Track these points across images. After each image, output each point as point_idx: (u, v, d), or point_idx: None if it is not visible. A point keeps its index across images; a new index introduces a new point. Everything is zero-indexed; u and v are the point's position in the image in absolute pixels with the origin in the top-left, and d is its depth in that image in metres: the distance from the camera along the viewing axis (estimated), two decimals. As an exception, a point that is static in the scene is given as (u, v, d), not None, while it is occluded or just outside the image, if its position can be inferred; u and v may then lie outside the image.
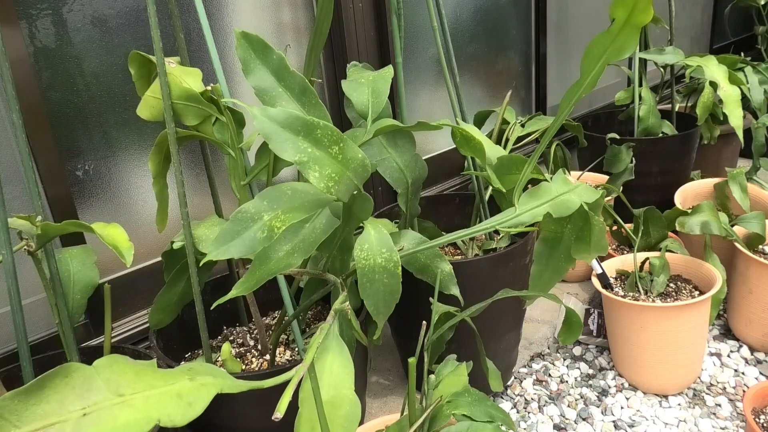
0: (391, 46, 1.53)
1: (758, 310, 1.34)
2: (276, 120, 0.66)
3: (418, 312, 1.12)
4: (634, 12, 0.64)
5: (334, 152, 0.69)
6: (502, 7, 1.96)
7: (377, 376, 1.37)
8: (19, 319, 0.79)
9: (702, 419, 1.21)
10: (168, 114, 0.84)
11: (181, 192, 0.87)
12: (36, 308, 1.12)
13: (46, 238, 0.80)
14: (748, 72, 1.72)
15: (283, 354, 1.06)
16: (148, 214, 1.24)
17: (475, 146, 0.96)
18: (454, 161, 1.90)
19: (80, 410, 0.44)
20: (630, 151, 1.68)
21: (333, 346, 0.63)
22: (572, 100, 0.72)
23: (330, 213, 0.75)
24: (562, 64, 2.28)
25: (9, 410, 0.42)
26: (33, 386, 0.44)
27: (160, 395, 0.46)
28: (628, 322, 1.24)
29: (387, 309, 0.79)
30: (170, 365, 0.91)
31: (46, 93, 1.07)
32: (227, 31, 1.30)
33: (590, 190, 0.81)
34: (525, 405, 1.29)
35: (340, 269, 0.93)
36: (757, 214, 1.37)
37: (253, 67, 0.83)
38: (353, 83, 1.02)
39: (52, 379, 0.44)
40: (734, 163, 2.17)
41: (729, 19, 3.02)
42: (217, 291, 1.12)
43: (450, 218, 1.42)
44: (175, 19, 0.90)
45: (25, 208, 1.06)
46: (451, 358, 0.82)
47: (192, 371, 0.49)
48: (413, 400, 0.74)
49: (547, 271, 0.88)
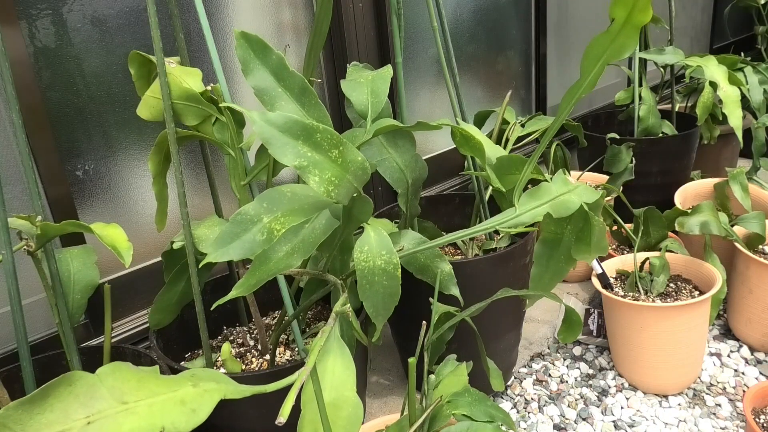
0: (391, 46, 1.53)
1: (758, 310, 1.34)
2: (275, 124, 0.66)
3: (418, 312, 1.12)
4: (633, 12, 0.64)
5: (334, 156, 0.69)
6: (502, 7, 1.95)
7: (377, 376, 1.37)
8: (19, 319, 0.79)
9: (702, 419, 1.21)
10: (168, 114, 0.84)
11: (181, 192, 0.87)
12: (36, 308, 1.12)
13: (45, 238, 0.80)
14: (747, 72, 1.72)
15: (283, 354, 1.06)
16: (148, 214, 1.24)
17: (475, 146, 0.96)
18: (454, 161, 1.90)
19: (84, 419, 0.44)
20: (630, 151, 1.68)
21: (334, 349, 0.63)
22: (572, 101, 0.72)
23: (330, 214, 0.75)
24: (562, 64, 2.28)
25: (13, 420, 0.42)
26: (37, 395, 0.44)
27: (164, 402, 0.46)
28: (628, 322, 1.24)
29: (386, 311, 0.79)
30: (170, 365, 0.91)
31: (46, 93, 1.07)
32: (227, 31, 1.30)
33: (590, 191, 0.81)
34: (525, 405, 1.29)
35: (340, 269, 0.94)
36: (757, 214, 1.37)
37: (253, 67, 0.83)
38: (352, 83, 1.02)
39: (55, 388, 0.44)
40: (734, 163, 2.17)
41: (729, 19, 3.02)
42: (217, 291, 1.12)
43: (450, 218, 1.42)
44: (175, 19, 0.90)
45: (25, 208, 1.06)
46: (451, 358, 0.82)
47: (195, 377, 0.49)
48: (413, 400, 0.74)
49: (547, 272, 0.88)
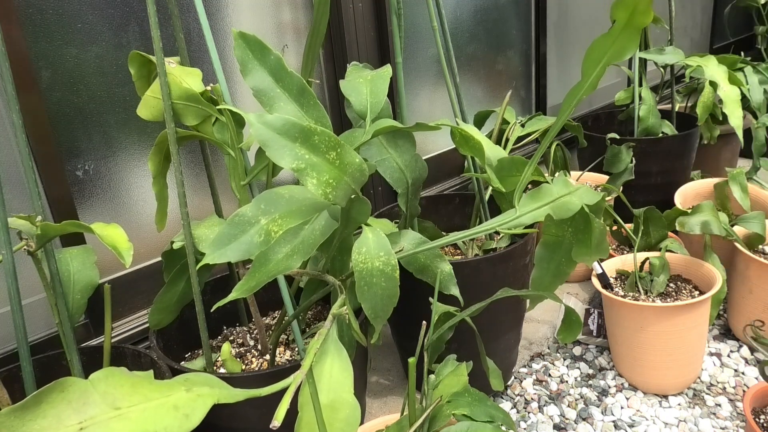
0: (391, 46, 1.53)
1: (758, 310, 1.34)
2: (273, 127, 0.65)
3: (418, 312, 1.12)
4: (634, 13, 0.64)
5: (332, 158, 0.69)
6: (502, 7, 1.95)
7: (377, 376, 1.37)
8: (19, 319, 0.79)
9: (702, 419, 1.21)
10: (168, 114, 0.84)
11: (181, 192, 0.87)
12: (36, 308, 1.12)
13: (45, 238, 0.80)
14: (747, 72, 1.72)
15: (283, 354, 1.06)
16: (148, 214, 1.24)
17: (475, 146, 0.96)
18: (454, 161, 1.90)
19: (77, 425, 0.44)
20: (630, 151, 1.68)
21: (332, 350, 0.63)
22: (573, 102, 0.72)
23: (329, 215, 0.75)
24: (562, 64, 2.28)
25: (6, 426, 0.42)
26: (29, 401, 0.44)
27: (157, 407, 0.46)
28: (628, 322, 1.24)
29: (385, 313, 0.79)
30: (170, 365, 0.91)
31: (46, 93, 1.07)
32: (227, 31, 1.30)
33: (591, 192, 0.81)
34: (525, 405, 1.29)
35: (340, 270, 0.94)
36: (757, 214, 1.37)
37: (251, 68, 0.83)
38: (351, 83, 1.01)
39: (48, 394, 0.44)
40: (734, 163, 2.17)
41: (729, 19, 3.02)
42: (217, 291, 1.12)
43: (450, 218, 1.42)
44: (175, 19, 0.90)
45: (25, 208, 1.06)
46: (451, 358, 0.83)
47: (188, 382, 0.49)
48: (413, 400, 0.74)
49: (548, 274, 0.88)
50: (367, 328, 1.02)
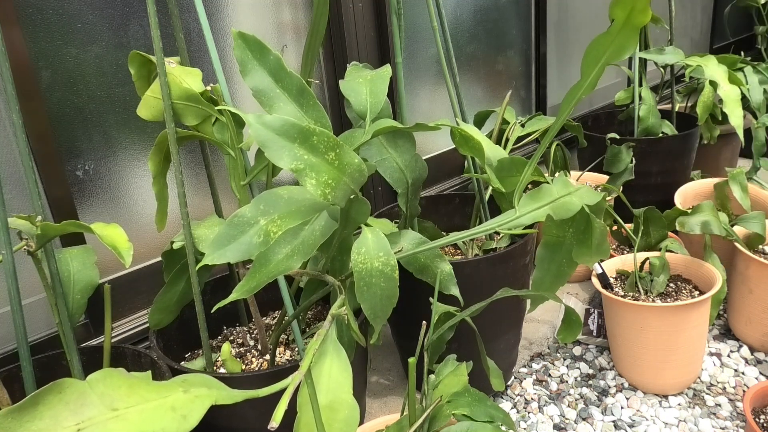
0: (391, 46, 1.53)
1: (758, 310, 1.34)
2: (271, 127, 0.65)
3: (418, 312, 1.12)
4: (633, 12, 0.64)
5: (331, 158, 0.68)
6: (502, 7, 1.95)
7: (377, 376, 1.37)
8: (19, 319, 0.79)
9: (702, 419, 1.21)
10: (168, 114, 0.84)
11: (181, 192, 0.87)
12: (36, 308, 1.12)
13: (46, 238, 0.80)
14: (747, 72, 1.72)
15: (283, 354, 1.06)
16: (148, 214, 1.24)
17: (474, 146, 0.96)
18: (454, 161, 1.90)
19: (74, 426, 0.44)
20: (630, 151, 1.68)
21: (331, 351, 0.63)
22: (573, 102, 0.72)
23: (328, 216, 0.75)
24: (562, 64, 2.28)
25: (3, 428, 0.42)
26: (27, 403, 0.44)
27: (154, 409, 0.46)
28: (628, 322, 1.24)
29: (384, 313, 0.78)
30: (170, 365, 0.91)
31: (46, 93, 1.07)
32: (227, 31, 1.30)
33: (592, 193, 0.81)
34: (525, 405, 1.29)
35: (340, 270, 0.94)
36: (757, 214, 1.37)
37: (251, 68, 0.83)
38: (351, 83, 1.01)
39: (45, 396, 0.44)
40: (734, 163, 2.17)
41: (729, 19, 3.02)
42: (217, 291, 1.12)
43: (450, 218, 1.42)
44: (175, 19, 0.90)
45: (25, 208, 1.06)
46: (451, 358, 0.83)
47: (186, 383, 0.49)
48: (413, 400, 0.74)
49: (549, 275, 0.88)
50: (367, 329, 1.02)
